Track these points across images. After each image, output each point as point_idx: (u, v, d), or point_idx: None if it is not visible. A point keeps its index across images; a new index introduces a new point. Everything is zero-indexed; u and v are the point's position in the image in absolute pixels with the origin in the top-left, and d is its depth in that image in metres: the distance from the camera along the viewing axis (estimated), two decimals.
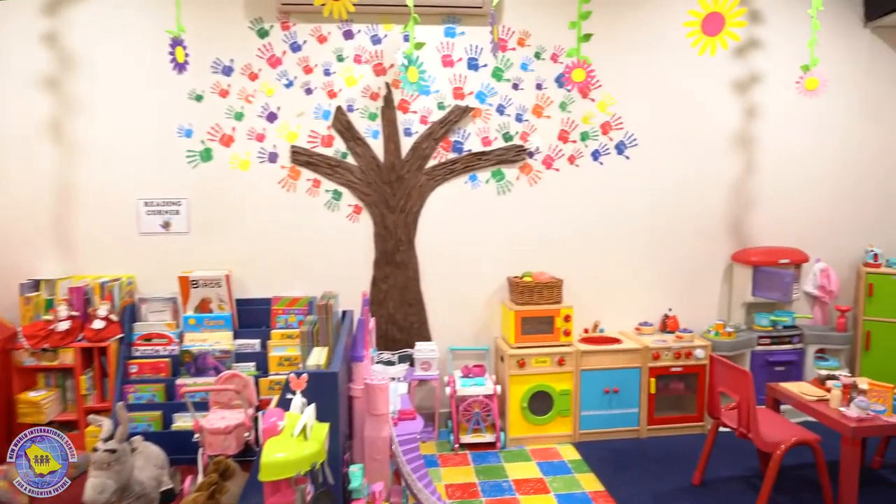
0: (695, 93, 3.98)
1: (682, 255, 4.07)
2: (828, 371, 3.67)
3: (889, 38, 4.16)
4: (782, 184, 4.13)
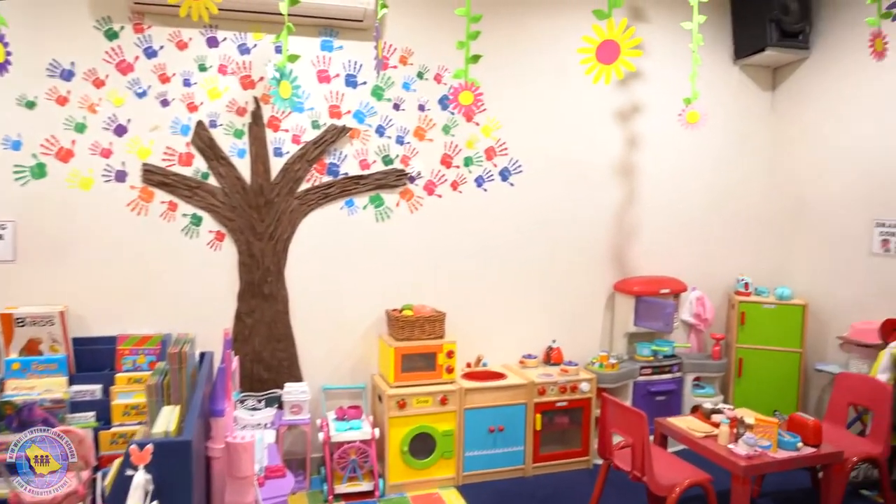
0: (580, 120, 4.08)
1: (566, 284, 4.13)
2: (708, 401, 3.89)
3: (754, 75, 4.51)
4: (661, 213, 4.32)
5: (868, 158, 3.89)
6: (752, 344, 4.17)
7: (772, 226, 4.58)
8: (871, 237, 3.85)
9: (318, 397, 3.68)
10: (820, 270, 4.21)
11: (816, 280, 4.23)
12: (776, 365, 4.14)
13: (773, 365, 4.14)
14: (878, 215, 3.82)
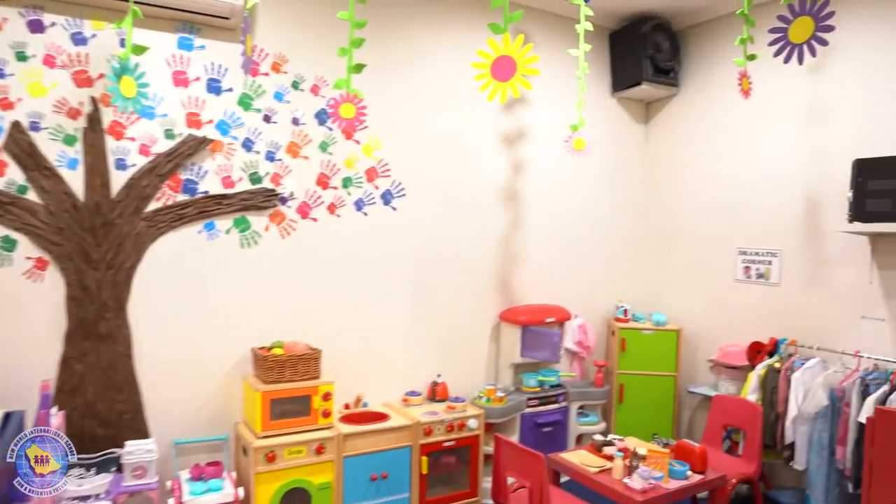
0: (465, 143, 4.01)
1: (451, 315, 4.00)
2: (591, 428, 4.00)
3: (630, 108, 4.74)
4: (545, 240, 4.35)
5: (730, 190, 4.21)
6: (632, 370, 4.31)
7: (647, 253, 4.81)
8: (735, 264, 4.20)
9: (168, 455, 3.17)
10: (690, 296, 4.47)
11: (688, 305, 4.48)
12: (654, 389, 4.30)
13: (651, 389, 4.30)
14: (740, 244, 4.16)
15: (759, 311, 4.01)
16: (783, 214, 3.89)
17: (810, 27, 2.46)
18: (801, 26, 2.49)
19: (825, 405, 3.27)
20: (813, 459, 3.34)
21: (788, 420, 3.39)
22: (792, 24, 2.59)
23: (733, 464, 3.39)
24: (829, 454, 3.30)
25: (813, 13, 2.53)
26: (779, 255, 3.91)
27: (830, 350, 3.50)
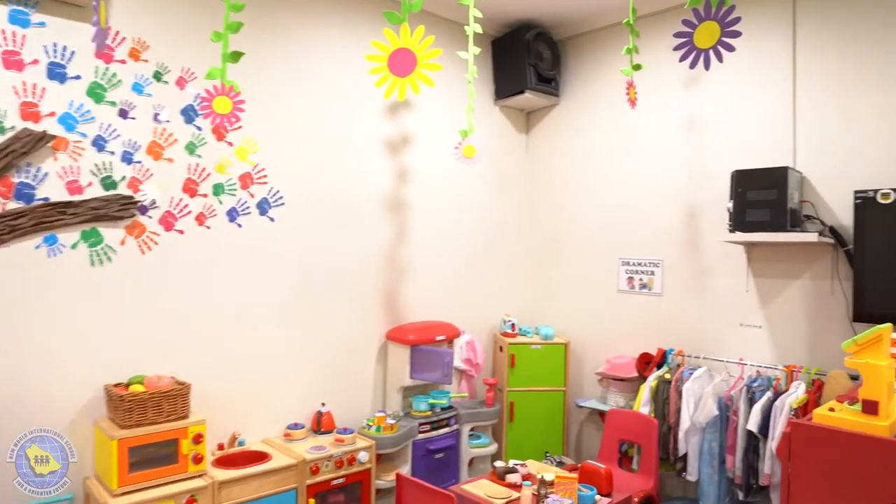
0: (349, 148, 3.82)
1: (335, 336, 3.77)
2: (483, 451, 3.97)
3: (511, 117, 4.84)
4: (432, 253, 4.28)
5: (612, 201, 4.40)
6: (521, 386, 4.33)
7: (533, 265, 4.90)
8: (619, 275, 4.40)
9: None
10: (576, 308, 4.60)
11: (574, 318, 4.61)
12: (544, 405, 4.35)
13: (541, 405, 4.35)
14: (623, 254, 4.36)
15: (645, 321, 4.21)
16: (664, 224, 4.13)
17: (716, 32, 2.58)
18: (707, 31, 2.60)
19: (715, 415, 3.49)
20: (704, 469, 3.53)
21: (681, 432, 3.56)
22: (697, 28, 2.69)
23: (632, 480, 3.49)
24: (720, 463, 3.50)
25: (718, 18, 2.64)
26: (661, 265, 4.15)
27: (716, 359, 3.75)
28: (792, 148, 3.58)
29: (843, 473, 2.15)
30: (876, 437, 2.09)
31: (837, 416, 2.25)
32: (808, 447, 2.23)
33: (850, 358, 2.27)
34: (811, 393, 3.30)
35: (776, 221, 3.39)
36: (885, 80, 3.28)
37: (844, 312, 3.39)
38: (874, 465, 2.08)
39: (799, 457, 2.24)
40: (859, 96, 3.36)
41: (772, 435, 3.27)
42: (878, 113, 3.29)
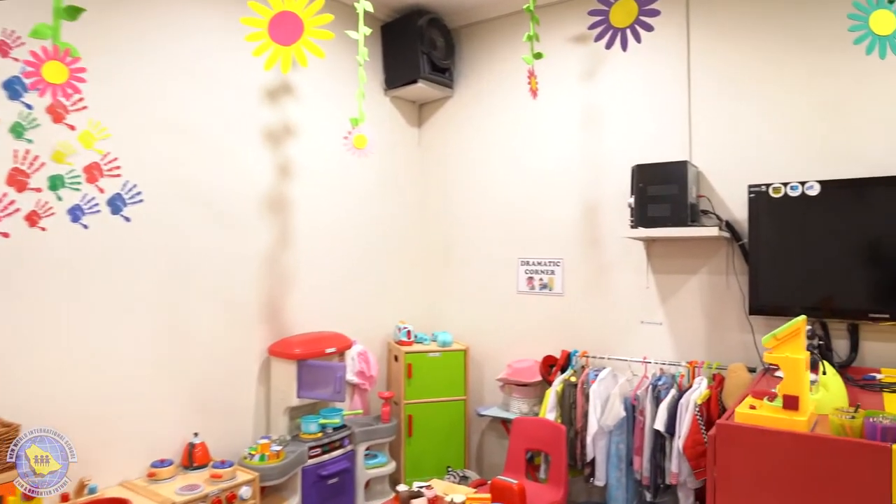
0: (223, 137, 3.31)
1: (207, 354, 3.24)
2: (379, 471, 3.60)
3: (403, 109, 4.51)
4: (317, 256, 3.85)
5: (509, 198, 4.19)
6: (420, 398, 3.99)
7: (427, 267, 4.59)
8: (518, 275, 4.19)
9: None
10: (475, 312, 4.34)
11: (473, 322, 4.35)
12: (444, 416, 4.05)
13: (441, 417, 4.04)
14: (522, 254, 4.16)
15: (546, 323, 4.02)
16: (564, 222, 3.97)
17: (633, 11, 2.40)
18: (624, 9, 2.40)
19: (623, 416, 3.36)
20: (612, 473, 3.38)
21: (589, 436, 3.38)
22: (613, 6, 2.50)
23: (541, 491, 3.27)
24: (627, 465, 3.37)
25: None
26: (561, 263, 3.99)
27: (620, 359, 3.63)
28: (688, 142, 3.54)
29: (770, 472, 2.03)
30: (799, 434, 1.98)
31: (759, 414, 2.12)
32: (733, 448, 2.08)
33: (769, 353, 2.16)
34: (713, 388, 3.24)
35: (677, 216, 3.31)
36: (775, 75, 3.28)
37: (741, 306, 3.38)
38: (799, 461, 1.97)
39: (725, 458, 2.09)
40: (751, 90, 3.35)
41: (678, 433, 3.17)
42: (769, 107, 3.30)
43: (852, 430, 1.92)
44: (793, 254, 3.14)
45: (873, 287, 2.97)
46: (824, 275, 3.07)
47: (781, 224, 3.18)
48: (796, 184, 3.12)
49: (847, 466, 1.89)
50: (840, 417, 1.96)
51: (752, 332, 3.32)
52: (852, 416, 1.94)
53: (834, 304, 3.04)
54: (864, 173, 3.02)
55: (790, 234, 3.15)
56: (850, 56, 3.05)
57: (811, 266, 3.09)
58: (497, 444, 4.21)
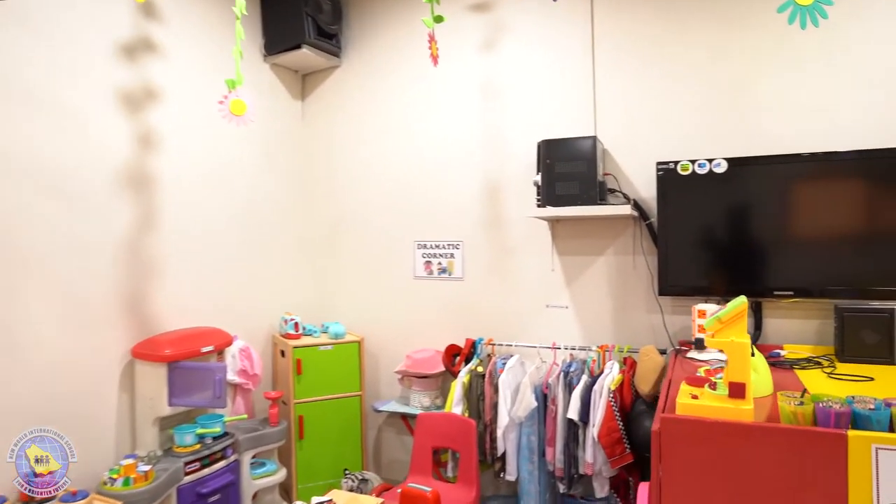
0: (66, 100, 2.67)
1: (49, 360, 2.61)
2: (268, 480, 3.20)
3: (285, 79, 3.98)
4: (187, 243, 3.28)
5: (404, 176, 3.83)
6: (311, 396, 3.54)
7: (314, 253, 4.12)
8: (414, 259, 3.86)
9: None
10: (368, 300, 3.94)
11: (366, 311, 3.94)
12: (338, 415, 3.62)
13: (336, 416, 3.62)
14: (419, 236, 3.82)
15: (447, 310, 3.71)
16: (463, 201, 3.66)
17: None
18: None
19: (535, 406, 3.14)
20: (524, 466, 3.15)
21: (499, 429, 3.13)
22: None
23: (450, 491, 2.97)
24: (540, 457, 3.15)
25: None
26: (461, 246, 3.70)
27: (528, 345, 3.40)
28: (593, 118, 3.36)
29: (719, 465, 1.85)
30: (750, 424, 1.80)
31: (703, 404, 1.94)
32: (677, 443, 1.91)
33: (711, 337, 2.00)
34: (625, 372, 3.11)
35: (587, 195, 3.11)
36: (680, 50, 3.15)
37: (648, 286, 3.26)
38: (749, 452, 1.81)
39: (670, 454, 1.91)
40: (657, 64, 3.20)
41: (592, 421, 3.00)
42: (675, 83, 3.16)
43: (804, 418, 1.78)
44: (701, 232, 3.03)
45: (779, 264, 2.93)
46: (732, 253, 3.00)
47: (690, 202, 3.05)
48: (704, 161, 3.03)
49: (799, 455, 1.73)
50: (789, 404, 1.83)
51: (661, 314, 3.23)
52: (800, 402, 1.81)
53: (742, 282, 2.99)
54: (771, 151, 2.97)
55: (698, 212, 3.04)
56: (757, 32, 2.98)
57: (720, 244, 3.00)
58: (396, 441, 3.87)
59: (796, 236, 2.93)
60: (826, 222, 2.88)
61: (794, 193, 2.93)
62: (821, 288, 2.89)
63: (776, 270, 2.96)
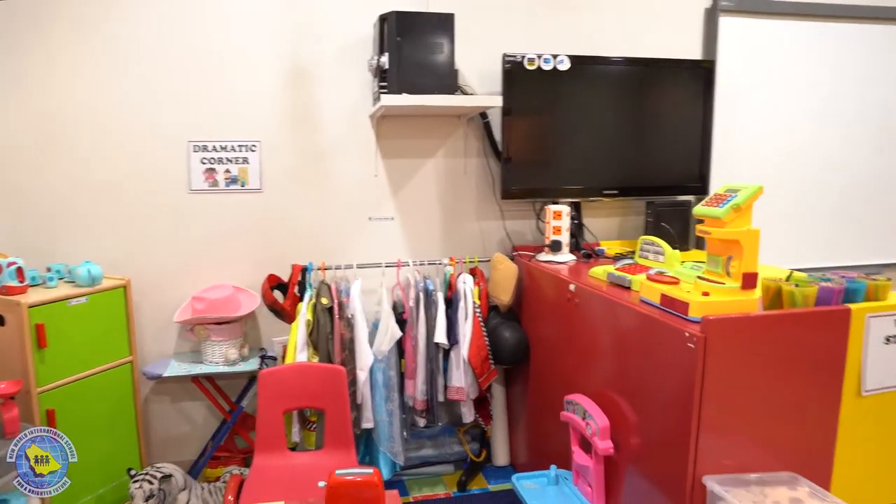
0: None
1: None
2: None
3: None
4: None
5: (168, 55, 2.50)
6: (64, 377, 2.14)
7: (24, 161, 2.46)
8: (190, 167, 2.60)
9: None
10: (126, 227, 2.55)
11: (126, 242, 2.55)
12: (105, 396, 2.30)
13: (101, 398, 2.29)
14: (194, 135, 2.58)
15: (244, 231, 2.66)
16: (261, 90, 2.60)
17: None
18: None
19: (401, 335, 2.49)
20: (381, 409, 2.50)
21: (363, 371, 2.39)
22: None
23: (320, 463, 2.14)
24: (399, 393, 2.55)
25: None
26: (258, 148, 2.65)
27: (374, 264, 2.67)
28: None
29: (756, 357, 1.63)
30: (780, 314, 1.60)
31: (720, 300, 1.64)
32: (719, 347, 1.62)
33: (724, 229, 1.72)
34: (478, 283, 2.72)
35: (444, 83, 2.50)
36: None
37: (482, 191, 2.85)
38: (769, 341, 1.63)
39: (715, 361, 1.62)
40: None
41: (461, 341, 2.57)
42: None
43: (810, 298, 1.70)
44: (546, 132, 2.75)
45: (610, 165, 2.84)
46: (573, 154, 2.79)
47: (536, 99, 2.70)
48: (549, 56, 2.71)
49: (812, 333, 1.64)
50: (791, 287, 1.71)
51: (503, 219, 2.90)
52: (796, 285, 1.72)
53: (579, 182, 2.81)
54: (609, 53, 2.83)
55: (543, 110, 2.74)
56: None
57: (563, 145, 2.76)
58: (173, 413, 2.70)
59: (624, 138, 2.89)
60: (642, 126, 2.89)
61: (622, 97, 2.87)
62: (639, 186, 2.96)
63: (607, 171, 2.87)
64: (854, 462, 1.74)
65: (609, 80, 2.76)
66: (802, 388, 1.66)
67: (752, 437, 1.64)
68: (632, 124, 2.82)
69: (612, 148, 2.81)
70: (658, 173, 2.90)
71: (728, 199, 1.70)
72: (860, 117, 3.28)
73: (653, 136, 2.86)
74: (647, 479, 1.79)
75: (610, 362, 1.98)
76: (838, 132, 3.25)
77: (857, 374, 1.70)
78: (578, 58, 2.71)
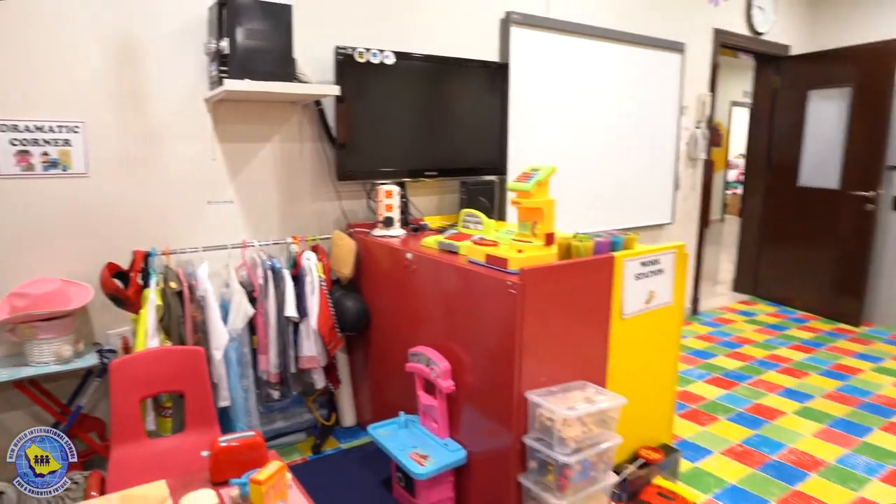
0: None
1: None
2: None
3: None
4: None
5: None
6: None
7: None
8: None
9: None
10: None
11: None
12: None
13: None
14: (3, 114, 2.30)
15: (68, 219, 2.44)
16: (84, 68, 2.41)
17: None
18: None
19: (253, 313, 2.50)
20: (236, 386, 2.54)
21: (218, 351, 2.40)
22: None
23: (185, 445, 2.14)
24: (253, 369, 2.62)
25: None
26: (81, 129, 2.43)
27: (216, 247, 2.64)
28: None
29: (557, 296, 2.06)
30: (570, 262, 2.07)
31: (531, 255, 2.02)
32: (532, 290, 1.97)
33: (527, 200, 2.08)
34: (321, 259, 2.84)
35: (283, 70, 2.57)
36: None
37: (318, 173, 3.00)
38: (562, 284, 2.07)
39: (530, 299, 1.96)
40: None
41: (310, 313, 2.69)
42: None
43: (587, 250, 2.17)
44: (375, 120, 2.98)
45: (430, 149, 3.18)
46: (399, 140, 3.07)
47: (366, 90, 2.93)
48: (376, 51, 2.92)
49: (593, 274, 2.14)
50: (577, 243, 2.16)
51: (340, 199, 3.04)
52: (580, 241, 2.18)
53: (406, 164, 3.11)
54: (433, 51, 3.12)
55: (373, 100, 2.96)
56: None
57: (389, 131, 3.02)
58: (13, 426, 2.43)
59: (437, 126, 3.23)
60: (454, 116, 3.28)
61: (437, 91, 3.20)
62: (453, 168, 3.33)
63: (426, 155, 3.21)
64: (620, 366, 2.32)
65: (426, 75, 3.09)
66: (585, 315, 2.16)
67: (555, 357, 2.11)
68: (444, 115, 3.19)
69: (429, 135, 3.15)
70: (466, 157, 3.31)
71: (532, 176, 2.12)
72: (620, 118, 4.09)
73: (461, 126, 3.26)
74: (482, 405, 2.17)
75: (445, 317, 2.32)
76: (602, 129, 4.01)
77: (620, 303, 2.26)
78: (402, 53, 2.98)
